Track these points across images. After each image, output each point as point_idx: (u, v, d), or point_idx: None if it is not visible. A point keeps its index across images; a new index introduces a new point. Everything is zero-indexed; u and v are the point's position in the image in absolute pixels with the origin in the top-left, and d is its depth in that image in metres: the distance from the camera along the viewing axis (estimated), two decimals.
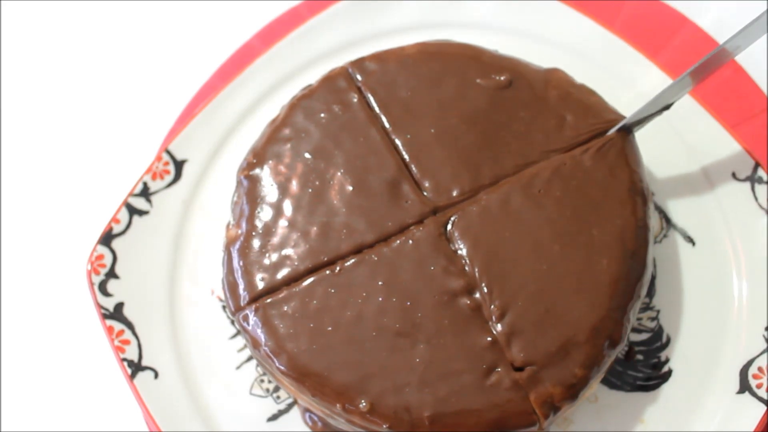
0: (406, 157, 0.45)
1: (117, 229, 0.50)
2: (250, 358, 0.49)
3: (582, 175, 0.44)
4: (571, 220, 0.43)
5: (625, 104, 0.50)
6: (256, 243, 0.44)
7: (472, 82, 0.46)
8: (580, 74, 0.48)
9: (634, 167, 0.45)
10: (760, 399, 0.44)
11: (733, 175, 0.49)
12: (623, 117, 0.46)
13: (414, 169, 0.45)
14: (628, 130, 0.46)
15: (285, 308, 0.43)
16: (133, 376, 0.47)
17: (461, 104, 0.46)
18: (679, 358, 0.47)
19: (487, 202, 0.44)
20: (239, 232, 0.45)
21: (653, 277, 0.49)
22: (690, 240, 0.49)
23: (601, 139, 0.45)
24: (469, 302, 0.42)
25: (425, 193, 0.44)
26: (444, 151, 0.45)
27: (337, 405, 0.41)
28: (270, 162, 0.46)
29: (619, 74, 0.53)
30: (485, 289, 0.42)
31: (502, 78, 0.46)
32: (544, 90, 0.46)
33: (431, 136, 0.45)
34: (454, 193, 0.44)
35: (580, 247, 0.42)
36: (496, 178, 0.44)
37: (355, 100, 0.47)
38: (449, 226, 0.44)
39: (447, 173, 0.44)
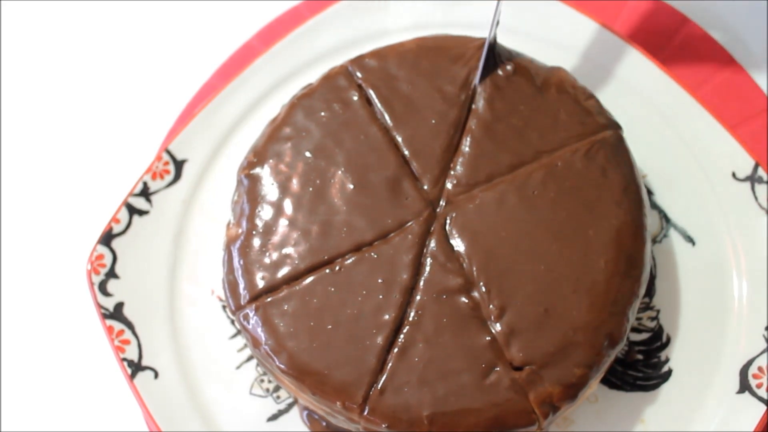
0: (406, 153, 0.45)
1: (117, 229, 0.50)
2: (250, 358, 0.49)
3: (575, 176, 0.44)
4: (567, 221, 0.43)
5: (624, 104, 0.50)
6: (256, 242, 0.44)
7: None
8: (579, 74, 0.48)
9: (626, 167, 0.45)
10: (760, 399, 0.44)
11: (733, 175, 0.49)
12: (615, 120, 0.46)
13: (414, 165, 0.45)
14: (618, 132, 0.46)
15: (285, 307, 0.43)
16: (133, 376, 0.47)
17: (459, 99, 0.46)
18: (679, 358, 0.47)
19: (482, 202, 0.44)
20: (239, 231, 0.45)
21: (653, 277, 0.49)
22: (690, 240, 0.49)
23: (592, 140, 0.45)
24: (467, 301, 0.42)
25: (425, 187, 0.44)
26: (442, 145, 0.45)
27: (337, 403, 0.41)
28: (270, 161, 0.46)
29: (619, 74, 0.53)
30: (483, 289, 0.42)
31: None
32: (545, 87, 0.46)
33: (431, 129, 0.45)
34: (449, 186, 0.44)
35: (577, 247, 0.42)
36: (491, 175, 0.44)
37: (356, 98, 0.47)
38: (447, 224, 0.44)
39: (444, 167, 0.45)
